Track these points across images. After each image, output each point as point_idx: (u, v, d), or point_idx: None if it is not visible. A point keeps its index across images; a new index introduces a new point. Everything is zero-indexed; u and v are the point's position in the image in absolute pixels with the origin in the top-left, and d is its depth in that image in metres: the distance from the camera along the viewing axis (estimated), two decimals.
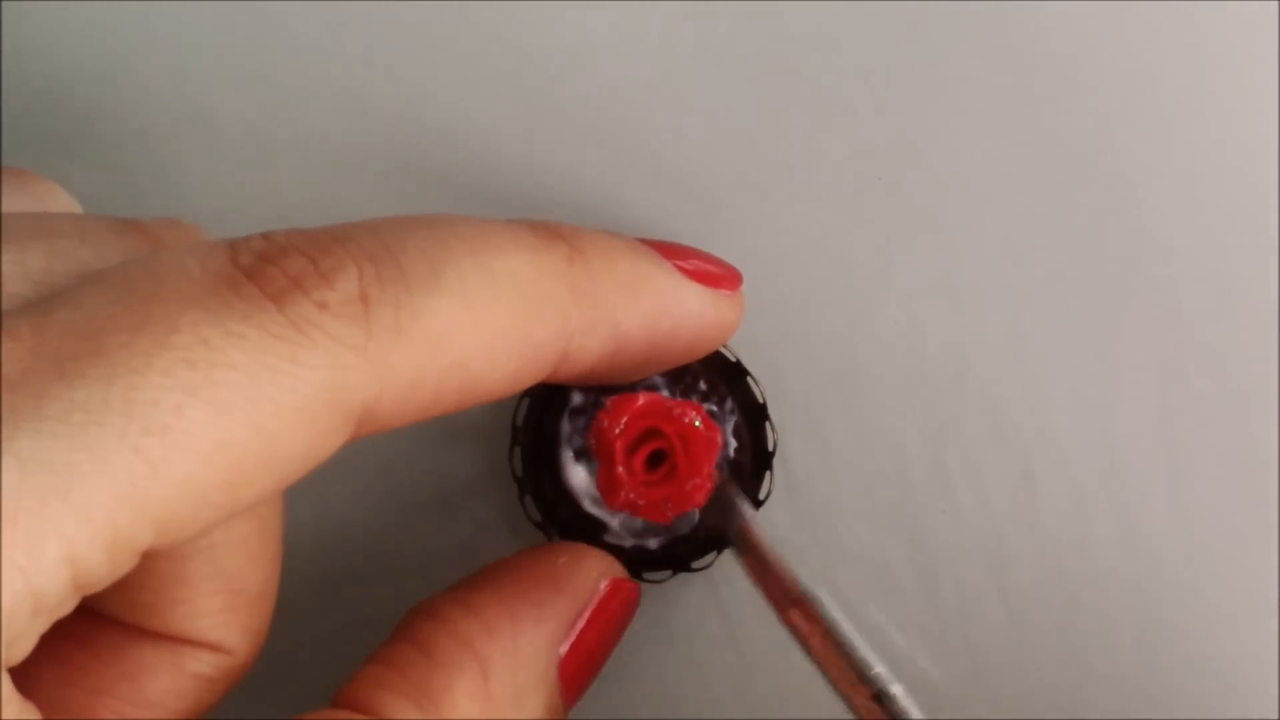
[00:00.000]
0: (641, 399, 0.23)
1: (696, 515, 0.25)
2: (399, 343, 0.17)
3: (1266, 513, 0.27)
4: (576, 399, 0.25)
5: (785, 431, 0.27)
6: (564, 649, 0.21)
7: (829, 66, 0.28)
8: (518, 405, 0.26)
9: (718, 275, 0.23)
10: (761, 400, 0.26)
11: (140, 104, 0.28)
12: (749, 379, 0.26)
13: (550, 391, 0.26)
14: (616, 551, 0.25)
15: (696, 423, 0.23)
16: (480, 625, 0.20)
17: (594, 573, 0.23)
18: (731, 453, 0.26)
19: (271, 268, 0.17)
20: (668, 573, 0.26)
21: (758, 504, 0.26)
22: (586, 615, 0.22)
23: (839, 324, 0.28)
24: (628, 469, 0.24)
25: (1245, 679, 0.26)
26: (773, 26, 0.28)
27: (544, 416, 0.26)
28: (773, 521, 0.26)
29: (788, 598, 0.22)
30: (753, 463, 0.26)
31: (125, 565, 0.16)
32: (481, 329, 0.18)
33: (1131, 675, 0.27)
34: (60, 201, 0.21)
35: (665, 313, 0.22)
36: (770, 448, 0.26)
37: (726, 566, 0.26)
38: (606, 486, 0.23)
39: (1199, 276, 0.27)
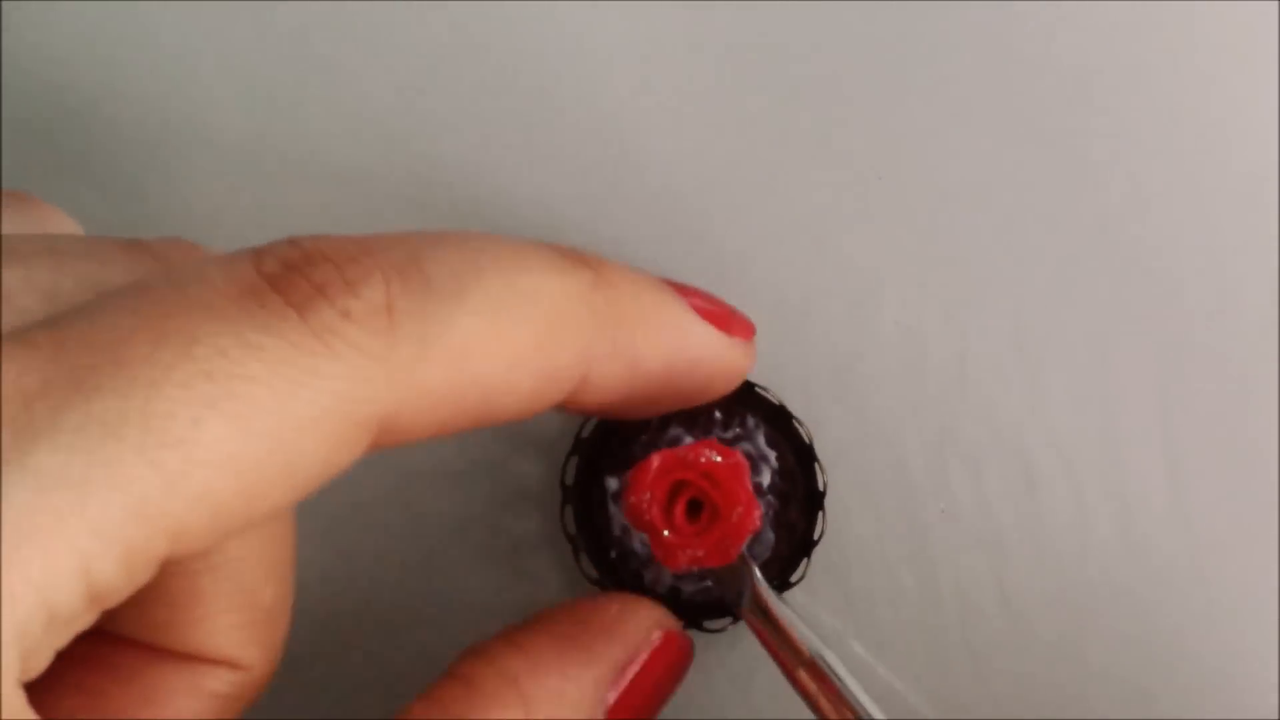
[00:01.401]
0: (655, 460, 0.23)
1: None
2: (422, 355, 0.17)
3: (1266, 513, 0.27)
4: (612, 485, 0.25)
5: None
6: (612, 697, 0.21)
7: (829, 66, 0.28)
8: (562, 512, 0.26)
9: (733, 321, 0.23)
10: (809, 441, 0.26)
11: (142, 118, 0.28)
12: (795, 422, 0.26)
13: (587, 484, 0.26)
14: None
15: (716, 458, 0.23)
16: (527, 664, 0.20)
17: (647, 622, 0.22)
18: (774, 461, 0.26)
19: (296, 275, 0.17)
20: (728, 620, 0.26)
21: (813, 543, 0.26)
22: (638, 665, 0.22)
23: (839, 324, 0.28)
24: (674, 530, 0.23)
25: (1245, 679, 0.26)
26: (772, 26, 0.28)
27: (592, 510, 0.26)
28: None
29: (797, 659, 0.22)
30: (805, 502, 0.26)
31: (142, 577, 0.16)
32: (504, 346, 0.18)
33: (1131, 675, 0.27)
34: (62, 224, 0.21)
35: (684, 350, 0.22)
36: (820, 488, 0.26)
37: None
38: (664, 555, 0.23)
39: (1199, 276, 0.27)
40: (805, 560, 0.26)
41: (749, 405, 0.26)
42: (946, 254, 0.28)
